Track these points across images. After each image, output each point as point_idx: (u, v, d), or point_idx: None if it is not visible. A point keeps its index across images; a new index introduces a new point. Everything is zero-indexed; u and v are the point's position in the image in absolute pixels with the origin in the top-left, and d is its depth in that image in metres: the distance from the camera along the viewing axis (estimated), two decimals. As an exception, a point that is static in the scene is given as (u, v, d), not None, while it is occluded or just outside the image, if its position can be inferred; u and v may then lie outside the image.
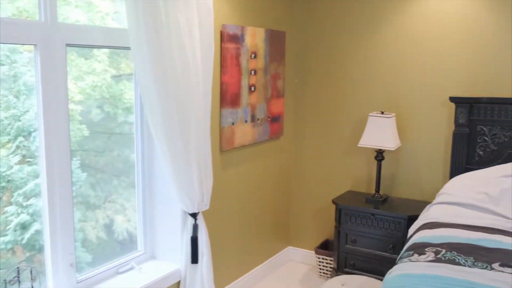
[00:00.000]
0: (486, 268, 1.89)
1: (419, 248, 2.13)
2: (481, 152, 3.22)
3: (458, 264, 1.93)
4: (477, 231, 2.32)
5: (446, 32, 3.35)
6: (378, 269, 3.39)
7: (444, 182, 3.45)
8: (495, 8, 3.17)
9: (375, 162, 3.67)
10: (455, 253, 2.03)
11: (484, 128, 3.20)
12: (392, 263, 3.31)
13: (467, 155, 3.25)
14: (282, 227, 4.10)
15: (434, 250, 2.08)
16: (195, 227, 2.84)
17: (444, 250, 2.06)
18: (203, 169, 2.80)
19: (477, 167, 3.20)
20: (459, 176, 3.03)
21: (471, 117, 3.22)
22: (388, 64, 3.59)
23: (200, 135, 2.75)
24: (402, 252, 2.27)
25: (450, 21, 3.32)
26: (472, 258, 1.98)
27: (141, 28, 2.36)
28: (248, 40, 3.31)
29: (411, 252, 2.11)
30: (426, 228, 2.42)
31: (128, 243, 2.90)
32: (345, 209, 3.49)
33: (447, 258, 1.99)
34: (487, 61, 3.24)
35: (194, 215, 2.84)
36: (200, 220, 2.87)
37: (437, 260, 1.97)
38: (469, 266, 1.91)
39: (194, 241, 2.83)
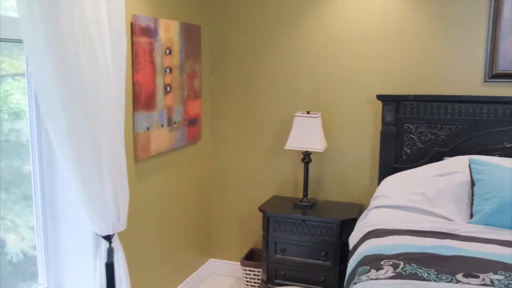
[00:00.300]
0: (451, 281, 1.74)
1: (374, 262, 1.94)
2: (408, 151, 3.16)
3: (422, 278, 1.76)
4: (425, 236, 2.19)
5: (372, 30, 3.24)
6: (311, 278, 3.20)
7: (372, 183, 3.37)
8: (420, 8, 3.12)
9: (300, 165, 3.48)
10: (415, 265, 1.86)
11: (411, 126, 3.14)
12: (325, 270, 3.17)
13: (394, 154, 3.18)
14: (202, 238, 3.76)
15: (391, 263, 1.90)
16: (110, 252, 2.43)
17: (402, 263, 1.88)
18: (118, 183, 2.40)
19: (405, 166, 3.13)
20: (392, 177, 2.93)
21: (397, 115, 3.14)
22: (312, 62, 3.41)
23: (113, 142, 2.34)
24: (353, 266, 2.07)
25: (376, 19, 3.22)
26: (433, 270, 1.82)
27: (35, 16, 1.92)
28: (162, 34, 2.93)
29: (366, 268, 1.90)
30: (372, 237, 2.24)
31: (22, 264, 2.42)
32: (274, 217, 3.25)
33: (408, 272, 1.81)
34: (412, 60, 3.18)
35: (108, 238, 2.42)
36: (116, 242, 2.47)
37: (398, 276, 1.79)
38: (434, 280, 1.74)
39: (110, 268, 2.43)
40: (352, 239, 2.48)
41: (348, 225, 3.14)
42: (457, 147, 3.05)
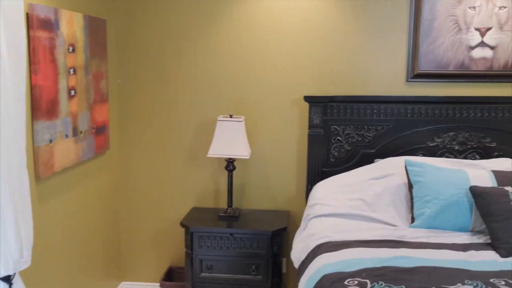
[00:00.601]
0: (427, 298, 1.62)
1: (337, 283, 1.75)
2: (336, 153, 3.06)
3: (396, 298, 1.62)
4: (377, 246, 2.08)
5: (296, 30, 3.08)
6: (241, 295, 2.97)
7: (299, 188, 3.22)
8: (345, 8, 3.02)
9: (221, 172, 3.23)
10: (383, 283, 1.71)
11: (338, 128, 3.04)
12: (256, 285, 2.95)
13: (322, 157, 3.06)
14: (113, 261, 3.33)
15: (356, 282, 1.73)
16: (11, 295, 1.98)
17: (368, 281, 1.72)
18: (20, 211, 1.96)
19: (334, 169, 3.03)
20: (326, 182, 2.80)
21: (324, 117, 3.02)
22: (235, 61, 3.16)
23: (13, 160, 1.90)
24: (310, 287, 1.86)
25: (300, 19, 3.06)
26: (404, 286, 1.68)
27: None
28: (64, 28, 2.49)
29: (331, 291, 1.71)
30: (323, 252, 2.06)
31: None
32: (198, 232, 2.95)
33: (379, 292, 1.66)
34: (337, 60, 3.08)
35: (7, 279, 1.96)
36: (18, 283, 2.02)
37: (370, 298, 1.62)
38: (408, 299, 1.61)
39: (12, 316, 1.97)
40: (298, 254, 2.28)
41: (279, 235, 2.97)
42: (383, 148, 3.02)
